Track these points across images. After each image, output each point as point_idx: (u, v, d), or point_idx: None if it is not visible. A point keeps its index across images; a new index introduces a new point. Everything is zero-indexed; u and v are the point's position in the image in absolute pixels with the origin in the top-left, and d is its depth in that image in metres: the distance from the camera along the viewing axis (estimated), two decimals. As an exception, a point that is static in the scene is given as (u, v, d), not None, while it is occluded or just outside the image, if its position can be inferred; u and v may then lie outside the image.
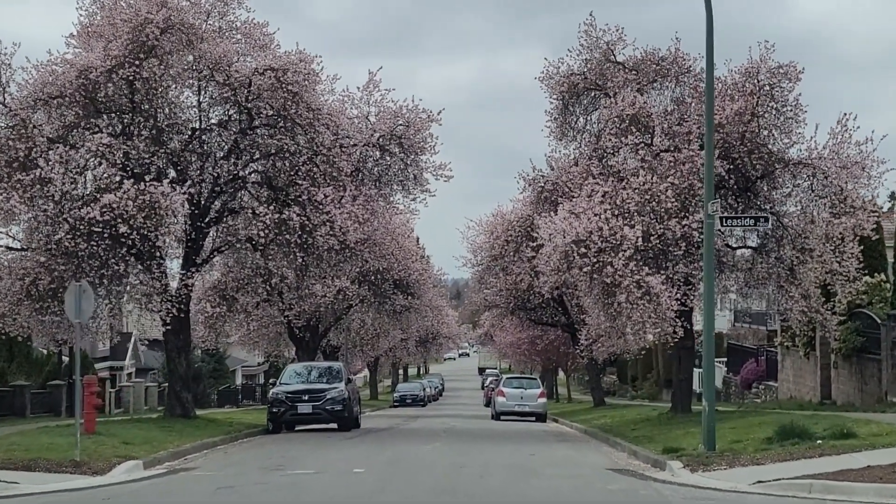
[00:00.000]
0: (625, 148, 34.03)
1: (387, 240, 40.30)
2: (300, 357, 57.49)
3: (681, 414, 36.19)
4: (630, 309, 31.45)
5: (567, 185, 35.76)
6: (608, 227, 31.73)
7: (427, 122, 35.64)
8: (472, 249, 59.08)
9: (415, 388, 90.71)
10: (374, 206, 35.43)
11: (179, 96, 35.45)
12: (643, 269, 31.69)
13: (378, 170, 36.48)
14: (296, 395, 36.31)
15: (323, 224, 33.36)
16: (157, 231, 31.13)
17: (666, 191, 32.42)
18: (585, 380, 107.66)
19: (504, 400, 51.65)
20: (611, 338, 37.24)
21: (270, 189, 35.10)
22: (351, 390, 37.79)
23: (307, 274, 35.97)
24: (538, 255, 34.25)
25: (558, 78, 37.23)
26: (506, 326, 76.12)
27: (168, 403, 37.49)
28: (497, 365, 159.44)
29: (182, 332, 36.21)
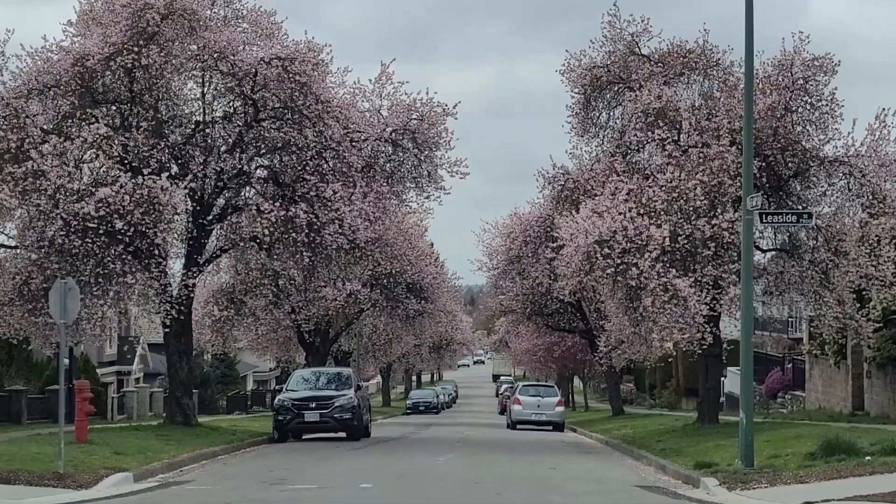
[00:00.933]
0: (650, 143, 32.26)
1: (399, 240, 38.40)
2: (310, 363, 55.80)
3: (708, 425, 34.34)
4: (656, 313, 29.66)
5: (589, 182, 33.99)
6: (633, 227, 29.95)
7: (442, 117, 33.85)
8: (487, 253, 57.44)
9: (428, 395, 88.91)
10: (385, 204, 33.60)
11: (183, 88, 33.77)
12: (670, 272, 29.90)
13: (390, 166, 34.68)
14: (303, 403, 34.55)
15: (331, 222, 31.58)
16: (155, 228, 29.38)
17: (694, 188, 30.62)
18: (601, 388, 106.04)
19: (520, 408, 49.81)
20: (633, 344, 35.55)
21: (277, 185, 33.36)
22: (360, 397, 36.04)
23: (315, 275, 34.17)
24: (558, 256, 32.44)
25: (580, 71, 35.48)
26: (521, 332, 74.35)
27: (168, 410, 35.74)
28: (511, 372, 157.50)
29: (184, 335, 34.47)
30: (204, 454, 27.07)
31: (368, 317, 59.23)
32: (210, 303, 52.38)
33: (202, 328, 52.99)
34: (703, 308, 30.01)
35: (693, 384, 69.77)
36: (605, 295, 34.39)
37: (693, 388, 69.96)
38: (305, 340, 55.10)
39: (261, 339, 56.50)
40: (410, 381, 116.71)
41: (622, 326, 34.67)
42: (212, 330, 52.74)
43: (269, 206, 31.50)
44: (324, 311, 51.90)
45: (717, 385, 35.66)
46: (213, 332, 52.84)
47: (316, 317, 52.04)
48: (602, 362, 53.23)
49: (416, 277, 54.53)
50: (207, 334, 52.95)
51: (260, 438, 34.44)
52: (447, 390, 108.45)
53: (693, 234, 30.68)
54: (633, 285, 30.00)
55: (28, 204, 29.31)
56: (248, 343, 60.87)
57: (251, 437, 33.94)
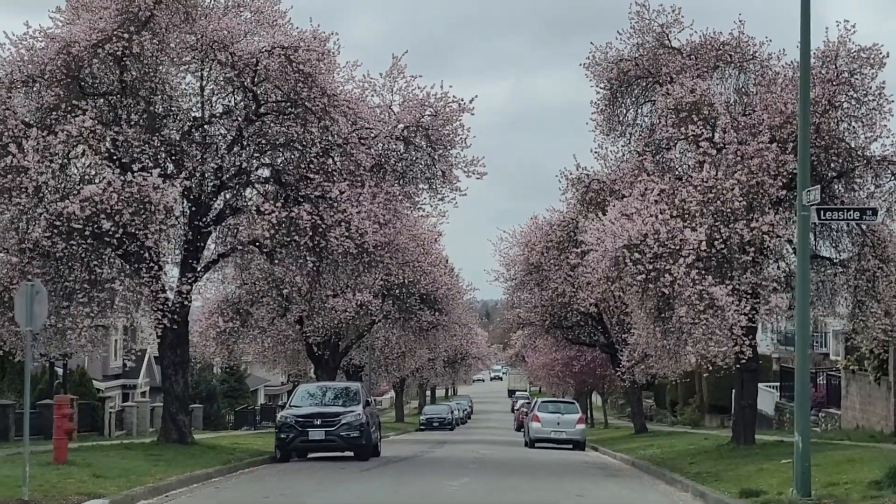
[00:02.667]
0: (683, 141, 29.79)
1: (411, 246, 35.79)
2: (319, 377, 53.44)
3: (744, 445, 31.79)
4: (691, 324, 27.17)
5: (616, 183, 31.56)
6: (666, 230, 27.48)
7: (458, 112, 31.47)
8: (504, 263, 55.11)
9: (442, 410, 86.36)
10: (396, 206, 31.18)
11: (181, 82, 31.42)
12: (706, 279, 27.41)
13: (402, 165, 32.27)
14: (307, 420, 32.09)
15: (337, 224, 29.17)
16: (146, 229, 26.97)
17: (732, 188, 28.13)
18: (620, 403, 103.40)
19: (539, 426, 47.23)
20: (661, 358, 33.09)
21: (279, 185, 30.97)
22: (370, 414, 33.58)
23: (321, 282, 31.68)
24: (583, 262, 30.01)
25: (606, 64, 33.11)
26: (538, 346, 72.06)
27: (163, 427, 33.30)
28: (527, 387, 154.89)
29: (179, 346, 32.07)
30: (195, 476, 24.60)
31: (380, 329, 56.92)
32: (215, 314, 50.23)
33: (206, 340, 50.86)
34: (742, 319, 27.52)
35: (718, 401, 67.38)
36: (632, 305, 31.87)
37: (718, 404, 67.59)
38: (314, 353, 52.71)
39: (267, 352, 54.21)
40: (424, 396, 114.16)
41: (649, 339, 32.23)
42: (216, 342, 50.64)
43: (269, 207, 29.08)
44: (333, 323, 49.60)
45: (753, 403, 33.07)
46: (218, 344, 50.74)
47: (325, 329, 49.75)
48: (625, 378, 50.72)
49: (429, 288, 52.22)
50: (212, 346, 50.84)
51: (261, 458, 32.01)
52: (462, 406, 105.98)
53: (730, 237, 28.21)
54: (666, 294, 27.54)
55: (8, 203, 26.93)
56: (254, 356, 58.61)
57: (251, 457, 31.49)
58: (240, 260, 33.84)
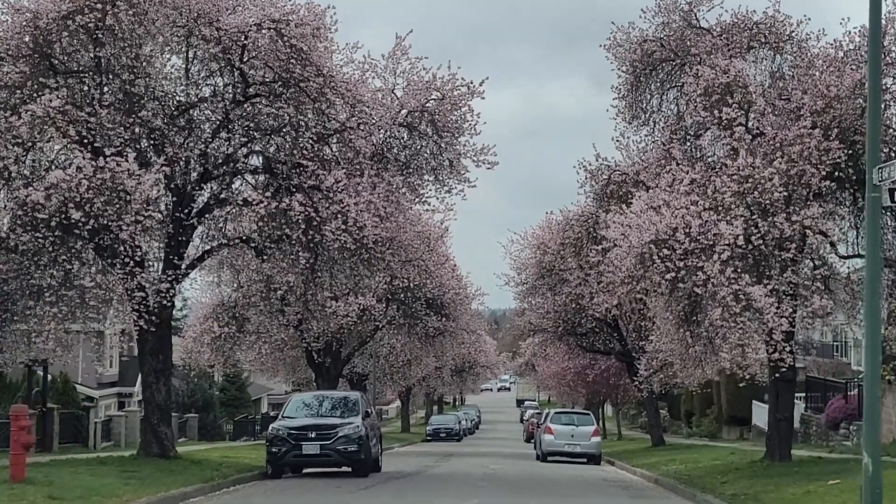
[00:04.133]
0: (715, 126, 26.98)
1: (415, 242, 32.86)
2: (319, 385, 50.65)
3: (780, 462, 28.96)
4: (726, 329, 24.35)
5: (641, 174, 28.76)
6: (698, 224, 24.67)
7: (466, 96, 28.71)
8: (515, 266, 52.41)
9: (449, 420, 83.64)
10: (398, 198, 28.41)
11: (165, 64, 28.65)
12: (742, 278, 24.61)
13: (405, 155, 29.49)
14: (300, 432, 29.33)
15: (333, 217, 26.38)
16: (120, 221, 24.19)
17: (771, 178, 25.32)
18: (631, 414, 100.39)
19: (552, 438, 44.39)
20: (686, 367, 30.31)
21: (270, 174, 28.18)
22: (369, 426, 30.82)
23: (316, 281, 28.86)
24: (604, 260, 27.21)
25: (628, 45, 30.34)
26: (549, 355, 69.25)
27: (143, 440, 30.49)
28: (536, 397, 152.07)
29: (161, 351, 29.31)
30: (169, 497, 21.80)
31: (385, 336, 54.17)
32: (210, 318, 47.63)
33: (201, 346, 48.29)
34: (783, 322, 24.70)
35: (737, 412, 64.40)
36: (655, 308, 29.03)
37: (737, 416, 64.60)
38: (314, 361, 49.92)
39: (265, 359, 51.44)
40: (431, 405, 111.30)
41: (674, 346, 29.48)
42: (211, 348, 48.04)
43: (257, 197, 26.30)
44: (334, 329, 46.88)
45: (790, 416, 30.21)
46: (213, 350, 48.13)
47: (326, 334, 47.01)
48: (642, 387, 47.90)
49: (436, 293, 49.49)
50: (207, 353, 48.24)
51: (250, 474, 29.24)
52: (470, 416, 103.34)
53: (769, 232, 25.41)
54: (699, 294, 24.73)
55: (-34, 191, 24.26)
56: (250, 363, 55.93)
57: (239, 473, 28.69)
58: (228, 256, 31.04)
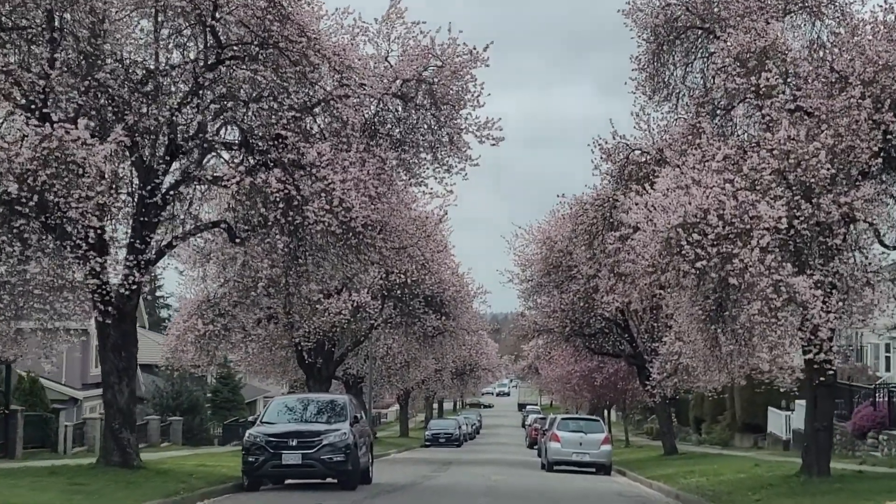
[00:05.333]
0: (752, 95, 23.74)
1: (410, 228, 29.43)
2: (311, 387, 47.52)
3: (818, 477, 25.69)
4: (765, 325, 21.15)
5: (664, 151, 25.54)
6: (733, 205, 21.46)
7: (469, 63, 25.52)
8: (519, 262, 49.28)
9: (449, 425, 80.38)
10: (391, 176, 25.21)
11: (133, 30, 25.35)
12: (784, 267, 21.41)
13: (400, 130, 26.28)
14: (281, 440, 26.13)
15: (317, 196, 23.18)
16: (69, 196, 21.00)
17: (816, 153, 22.12)
18: (636, 419, 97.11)
19: (559, 446, 41.16)
20: (709, 370, 27.19)
21: (246, 148, 24.91)
22: (358, 433, 27.64)
23: (297, 270, 25.60)
24: (624, 247, 24.00)
25: (650, 9, 27.16)
26: (554, 357, 66.03)
27: (103, 447, 27.17)
28: (538, 401, 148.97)
29: (124, 348, 26.08)
30: (117, 517, 18.69)
31: (381, 335, 51.08)
32: (194, 315, 44.62)
33: (185, 345, 45.34)
34: (831, 319, 21.51)
35: (752, 419, 61.05)
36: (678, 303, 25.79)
37: (752, 423, 61.23)
38: (304, 361, 46.74)
39: (252, 359, 48.36)
40: (431, 409, 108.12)
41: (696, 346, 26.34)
42: (195, 347, 45.01)
43: (229, 172, 23.07)
44: (326, 327, 43.78)
45: (829, 424, 26.95)
46: (197, 349, 45.10)
47: (317, 333, 43.90)
48: (654, 392, 44.67)
49: (435, 289, 46.41)
50: (190, 351, 45.26)
51: (223, 486, 26.05)
52: (470, 420, 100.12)
53: (813, 215, 22.22)
54: (734, 285, 21.51)
55: None
56: (236, 363, 52.90)
57: (210, 485, 25.49)
58: (203, 244, 27.82)
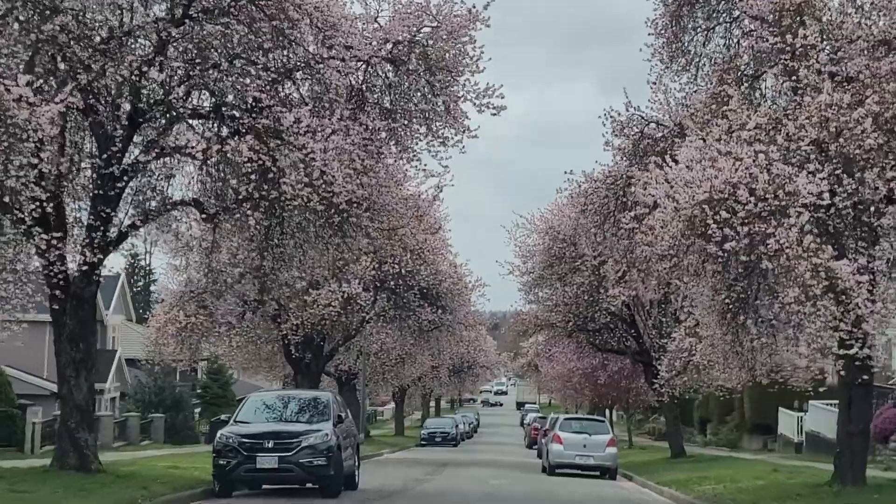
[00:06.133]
0: (786, 58, 21.11)
1: (401, 207, 26.36)
2: (299, 384, 44.92)
3: (853, 487, 23.08)
4: (804, 314, 18.54)
5: (685, 122, 22.92)
6: (767, 178, 18.85)
7: (467, 23, 22.86)
8: (520, 254, 46.70)
9: (446, 424, 77.86)
10: (380, 148, 22.54)
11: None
12: (824, 249, 18.81)
13: (391, 98, 23.60)
14: (255, 441, 23.49)
15: (294, 167, 20.53)
16: (7, 161, 18.33)
17: (861, 121, 19.50)
18: (637, 419, 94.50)
19: (561, 448, 38.52)
20: (728, 366, 24.79)
21: (217, 116, 22.16)
22: (343, 433, 25.03)
23: (273, 251, 22.92)
24: (639, 228, 21.36)
25: (669, -34, 24.56)
26: (555, 355, 63.49)
27: (58, 448, 24.32)
28: (537, 399, 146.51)
29: (82, 338, 23.39)
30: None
31: (373, 329, 48.49)
32: (175, 307, 42.27)
33: (165, 338, 43.03)
34: (878, 309, 18.90)
35: (762, 419, 58.45)
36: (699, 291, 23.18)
37: (762, 424, 58.63)
38: (292, 356, 44.11)
39: (235, 353, 45.87)
40: (428, 407, 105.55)
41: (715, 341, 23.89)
42: (176, 340, 42.69)
43: (195, 140, 20.36)
44: (315, 320, 41.25)
45: (866, 428, 24.34)
46: (178, 342, 42.80)
47: (305, 326, 41.38)
48: (663, 391, 42.09)
49: (431, 281, 43.87)
50: (171, 345, 42.93)
51: (191, 492, 23.47)
52: (468, 419, 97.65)
53: (857, 191, 19.60)
54: (769, 270, 18.90)
55: None
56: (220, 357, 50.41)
57: (177, 491, 22.89)
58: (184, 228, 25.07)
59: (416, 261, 42.41)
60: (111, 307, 68.96)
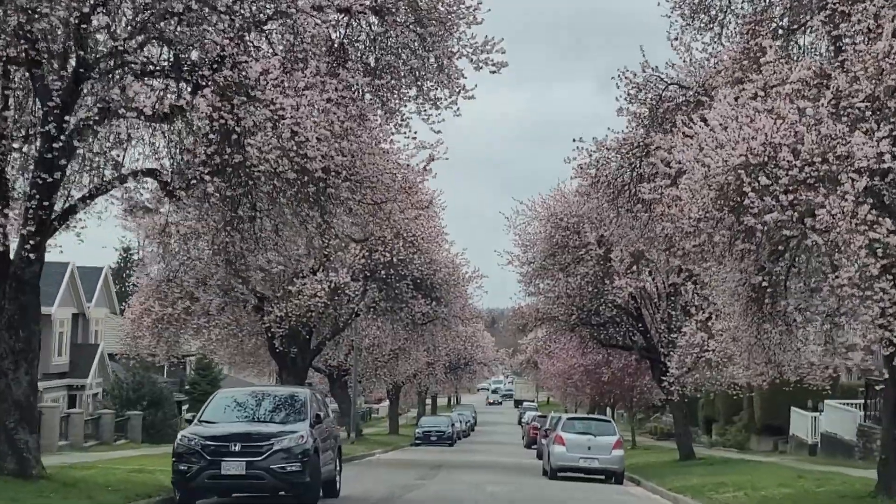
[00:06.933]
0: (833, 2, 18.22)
1: (386, 177, 22.88)
2: (284, 380, 42.11)
3: (901, 498, 20.28)
4: (859, 298, 15.68)
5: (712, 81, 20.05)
6: (814, 138, 15.98)
7: (463, -31, 19.96)
8: (520, 243, 43.96)
9: (441, 422, 75.21)
10: (362, 108, 19.61)
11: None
12: (882, 223, 15.95)
13: (376, 53, 20.68)
14: (220, 444, 20.66)
15: (261, 126, 17.61)
16: None
17: (924, 74, 16.61)
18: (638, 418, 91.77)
19: (563, 450, 35.63)
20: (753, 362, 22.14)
21: (176, 73, 19.21)
22: (322, 435, 22.20)
23: (237, 223, 20.00)
24: (663, 197, 18.46)
25: None
26: (555, 351, 60.67)
27: (-7, 449, 21.45)
28: (535, 397, 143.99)
29: (23, 326, 20.43)
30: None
31: (364, 322, 45.72)
32: (151, 297, 39.51)
33: (140, 330, 40.28)
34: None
35: (772, 420, 55.64)
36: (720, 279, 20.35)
37: (773, 424, 55.81)
38: (276, 350, 41.26)
39: (215, 346, 43.08)
40: (424, 405, 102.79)
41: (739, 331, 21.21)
42: (151, 332, 39.96)
43: (143, 92, 17.40)
44: (301, 311, 38.51)
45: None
46: (153, 335, 40.06)
47: (291, 318, 38.61)
48: (672, 389, 39.40)
49: (425, 270, 41.08)
50: (146, 337, 40.21)
51: (148, 500, 20.64)
52: (464, 417, 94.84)
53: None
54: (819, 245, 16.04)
55: None
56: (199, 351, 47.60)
57: (130, 501, 20.05)
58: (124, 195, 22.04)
59: (408, 249, 39.66)
60: (94, 300, 66.21)
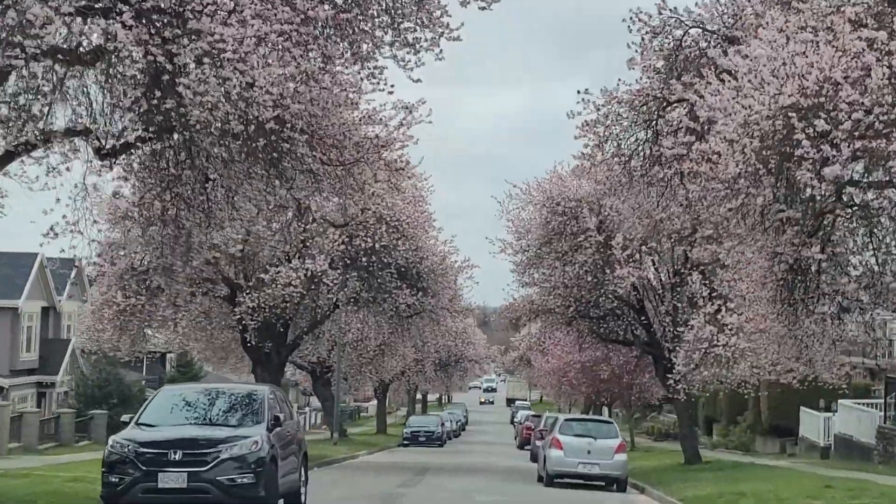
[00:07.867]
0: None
1: (355, 134, 19.08)
2: (258, 377, 38.91)
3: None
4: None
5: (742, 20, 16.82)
6: (884, 73, 12.75)
7: None
8: (514, 230, 40.81)
9: (430, 422, 72.19)
10: (325, 48, 16.28)
11: None
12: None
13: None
14: (159, 452, 17.48)
15: (196, 63, 14.30)
16: None
17: None
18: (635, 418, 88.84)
19: (561, 455, 32.33)
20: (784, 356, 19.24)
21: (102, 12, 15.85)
22: (281, 440, 18.97)
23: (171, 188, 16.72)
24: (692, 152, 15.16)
25: None
26: (549, 348, 57.72)
27: None
28: (527, 396, 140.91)
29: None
30: None
31: (344, 313, 42.48)
32: (114, 287, 36.46)
33: (101, 322, 37.28)
34: None
35: (780, 420, 52.68)
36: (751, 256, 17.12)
37: (780, 425, 52.95)
38: (247, 344, 38.01)
39: (182, 340, 40.01)
40: (413, 404, 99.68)
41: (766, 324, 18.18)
42: (113, 325, 36.97)
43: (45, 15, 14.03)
44: (276, 302, 35.43)
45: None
46: (115, 328, 37.08)
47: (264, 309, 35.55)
48: (678, 387, 36.33)
49: (411, 258, 37.96)
50: (108, 330, 37.21)
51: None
52: (455, 416, 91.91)
53: None
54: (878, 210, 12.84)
55: None
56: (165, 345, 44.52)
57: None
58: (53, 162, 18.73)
59: (392, 234, 36.52)
60: (65, 293, 62.97)
